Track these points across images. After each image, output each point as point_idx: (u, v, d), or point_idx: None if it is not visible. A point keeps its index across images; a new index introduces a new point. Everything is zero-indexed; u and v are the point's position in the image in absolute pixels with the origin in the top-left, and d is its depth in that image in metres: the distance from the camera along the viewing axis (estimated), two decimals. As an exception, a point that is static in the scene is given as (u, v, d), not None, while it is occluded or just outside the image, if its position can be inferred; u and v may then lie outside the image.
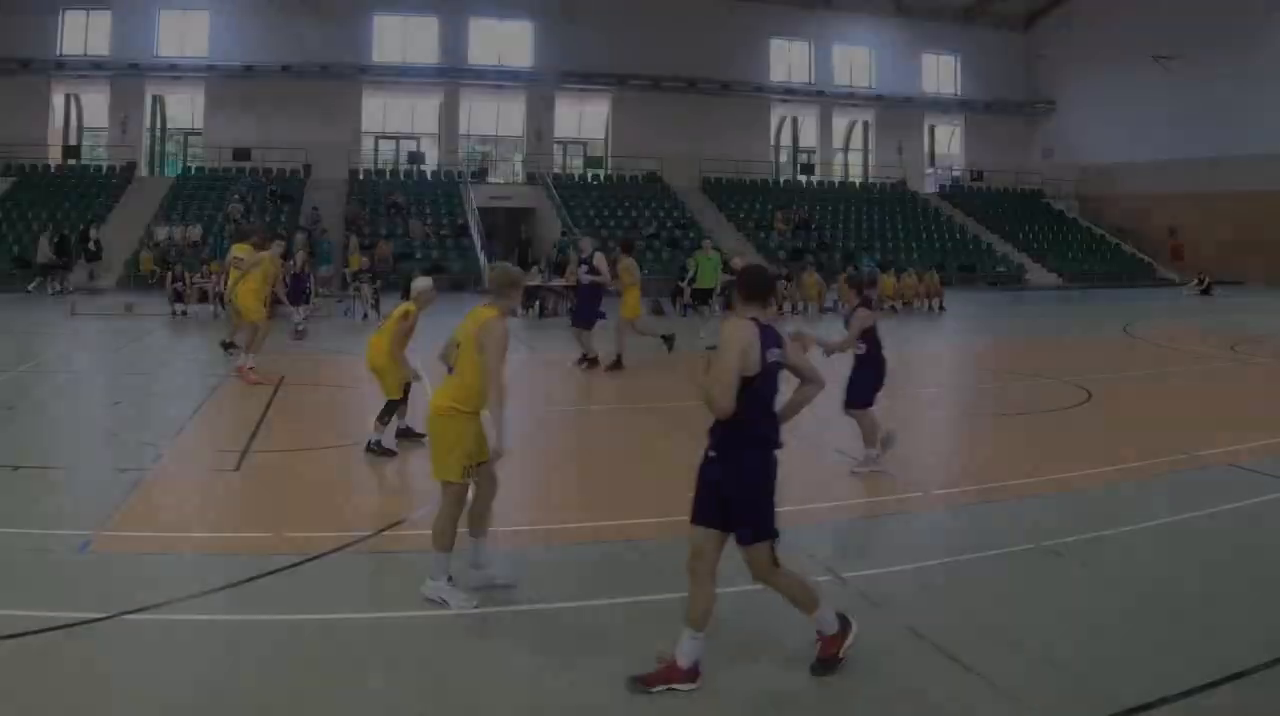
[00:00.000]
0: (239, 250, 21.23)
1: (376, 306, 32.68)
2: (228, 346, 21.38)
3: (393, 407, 13.84)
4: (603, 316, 21.89)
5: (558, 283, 35.85)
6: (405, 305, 13.79)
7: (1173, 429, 15.77)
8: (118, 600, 7.89)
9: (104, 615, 7.59)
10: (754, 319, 6.72)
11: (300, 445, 13.88)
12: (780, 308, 36.35)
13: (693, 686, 6.63)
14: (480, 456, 8.33)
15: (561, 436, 15.43)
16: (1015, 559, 9.49)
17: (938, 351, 28.66)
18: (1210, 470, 13.11)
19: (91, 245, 44.07)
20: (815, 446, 14.66)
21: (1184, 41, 56.22)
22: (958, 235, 59.07)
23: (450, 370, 8.49)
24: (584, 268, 21.88)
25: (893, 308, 39.03)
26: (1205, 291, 48.41)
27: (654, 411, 16.96)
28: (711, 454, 6.76)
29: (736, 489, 6.67)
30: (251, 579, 8.51)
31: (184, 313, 31.72)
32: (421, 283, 14.41)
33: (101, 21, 54.49)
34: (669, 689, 6.61)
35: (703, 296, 28.33)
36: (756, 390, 6.60)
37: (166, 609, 7.86)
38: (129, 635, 7.42)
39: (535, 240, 50.27)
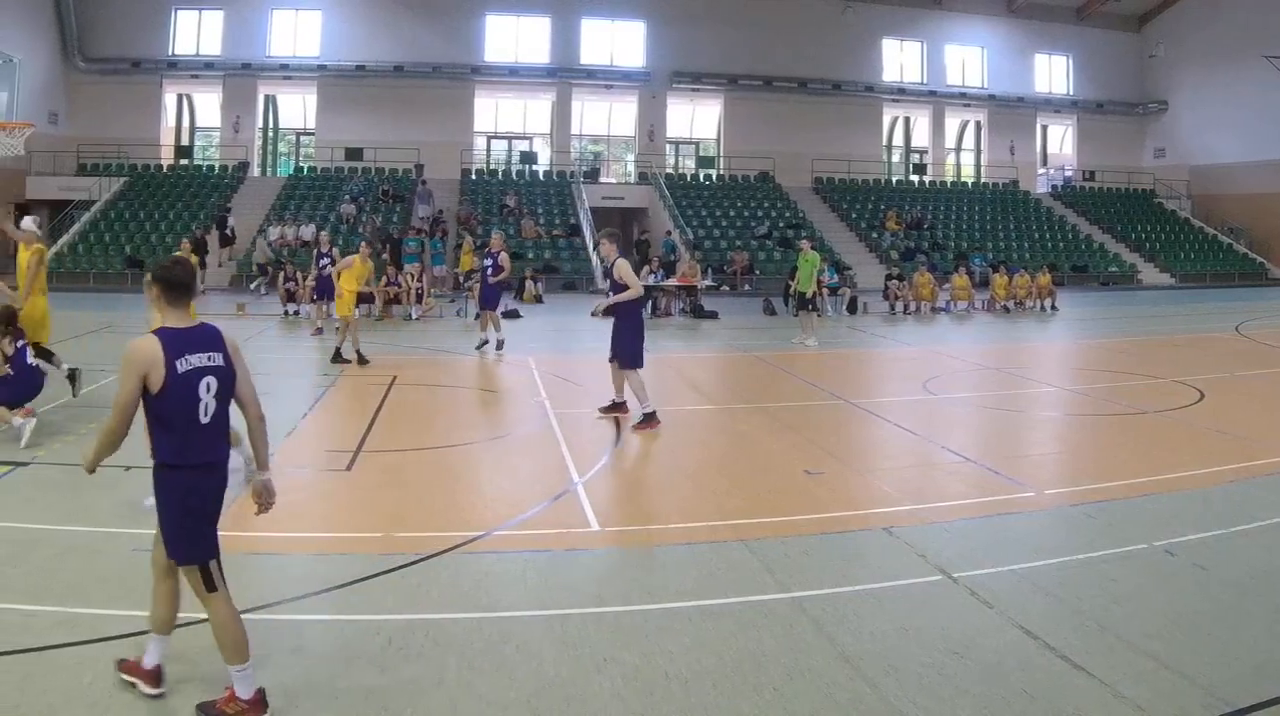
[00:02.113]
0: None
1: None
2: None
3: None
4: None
5: (670, 282, 35.83)
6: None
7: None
8: (229, 600, 7.92)
9: (215, 615, 7.61)
10: (161, 330, 6.35)
11: (412, 445, 13.90)
12: (893, 307, 36.20)
13: (156, 691, 6.46)
14: None
15: (670, 435, 15.30)
16: (1129, 559, 9.33)
17: (1050, 351, 28.30)
18: (1324, 469, 12.82)
19: (229, 231, 45.18)
20: (926, 446, 14.55)
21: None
22: (1070, 235, 58.36)
23: None
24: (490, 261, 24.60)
25: (1005, 307, 38.90)
26: (1318, 291, 47.44)
27: (764, 411, 16.84)
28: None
29: (159, 507, 6.39)
30: (362, 579, 8.52)
31: (296, 312, 31.96)
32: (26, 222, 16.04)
33: (214, 21, 55.48)
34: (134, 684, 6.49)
35: (803, 300, 27.80)
36: (165, 406, 6.23)
37: (278, 609, 7.91)
38: (240, 635, 7.40)
39: (652, 241, 50.23)
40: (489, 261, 24.59)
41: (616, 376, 15.64)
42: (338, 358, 21.28)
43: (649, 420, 14.98)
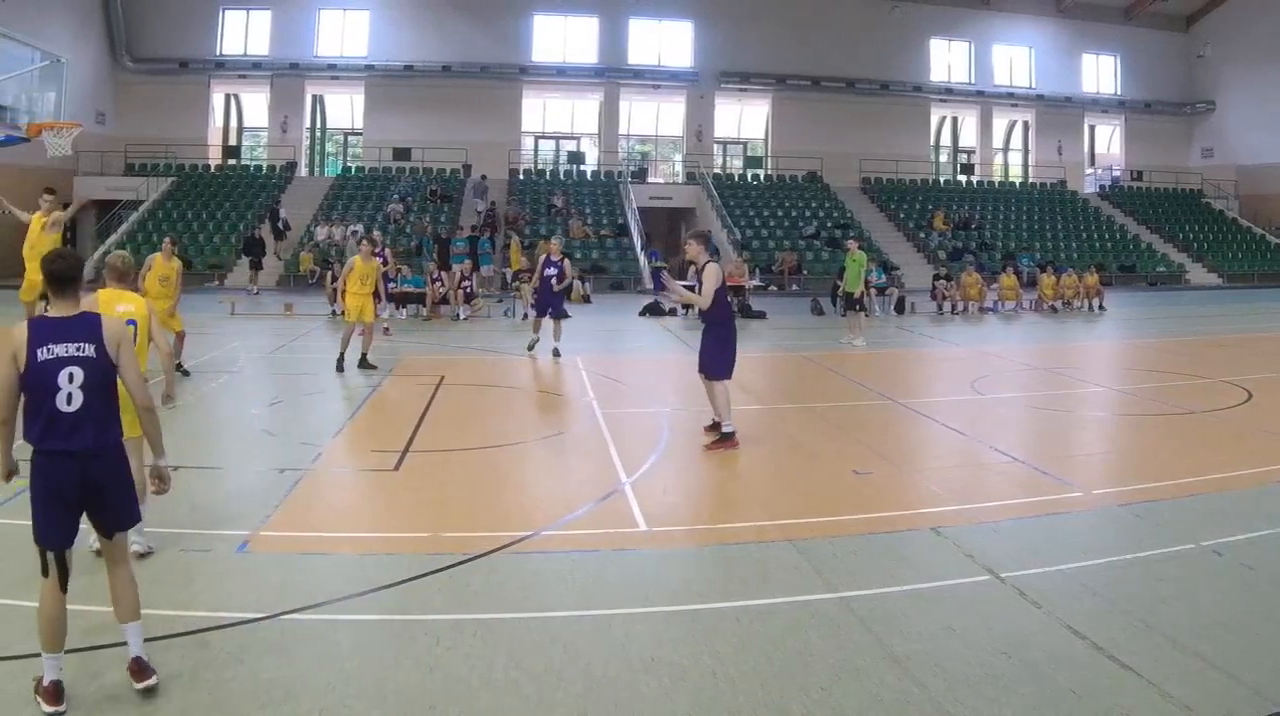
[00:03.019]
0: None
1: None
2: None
3: None
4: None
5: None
6: None
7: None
8: (277, 600, 7.99)
9: (263, 615, 7.68)
10: (34, 319, 6.54)
11: (459, 445, 13.92)
12: (941, 307, 36.11)
13: (57, 709, 6.25)
14: None
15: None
16: (1176, 559, 9.30)
17: (1098, 351, 28.19)
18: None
19: (281, 224, 45.45)
20: (974, 446, 14.49)
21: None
22: (1118, 235, 58.14)
23: None
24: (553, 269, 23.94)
25: (1053, 307, 38.88)
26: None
27: (812, 411, 16.80)
28: None
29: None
30: (410, 579, 8.54)
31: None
32: None
33: (261, 21, 56.03)
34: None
35: (850, 300, 27.73)
36: (26, 390, 6.38)
37: (326, 609, 7.93)
38: (289, 635, 7.45)
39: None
40: (552, 269, 23.86)
41: (710, 392, 14.57)
42: (364, 363, 20.96)
43: (726, 440, 14.04)
